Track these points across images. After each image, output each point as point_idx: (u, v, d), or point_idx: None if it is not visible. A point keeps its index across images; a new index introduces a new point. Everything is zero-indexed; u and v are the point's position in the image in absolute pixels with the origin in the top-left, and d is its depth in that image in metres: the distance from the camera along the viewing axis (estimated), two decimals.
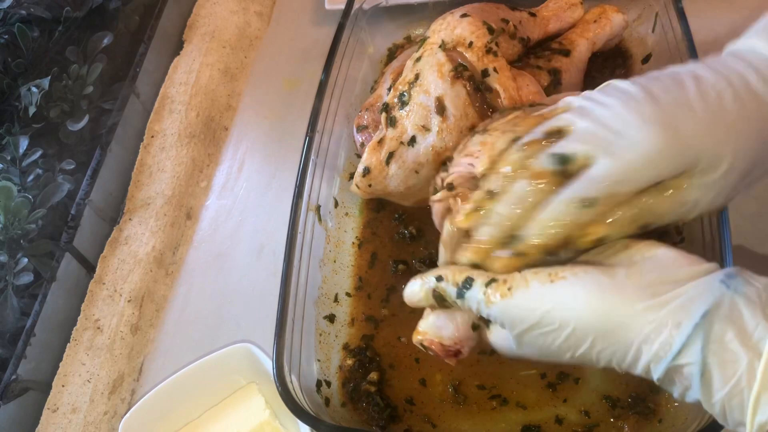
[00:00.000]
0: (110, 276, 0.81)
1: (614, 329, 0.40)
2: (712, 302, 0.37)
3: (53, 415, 0.73)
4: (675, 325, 0.38)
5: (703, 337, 0.37)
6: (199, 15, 1.02)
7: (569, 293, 0.41)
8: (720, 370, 0.36)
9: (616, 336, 0.40)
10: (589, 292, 0.41)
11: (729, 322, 0.37)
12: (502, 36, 0.70)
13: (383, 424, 0.65)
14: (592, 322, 0.40)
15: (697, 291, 0.38)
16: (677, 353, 0.38)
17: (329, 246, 0.75)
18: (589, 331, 0.41)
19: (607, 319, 0.40)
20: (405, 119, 0.68)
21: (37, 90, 0.83)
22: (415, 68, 0.69)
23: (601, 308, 0.40)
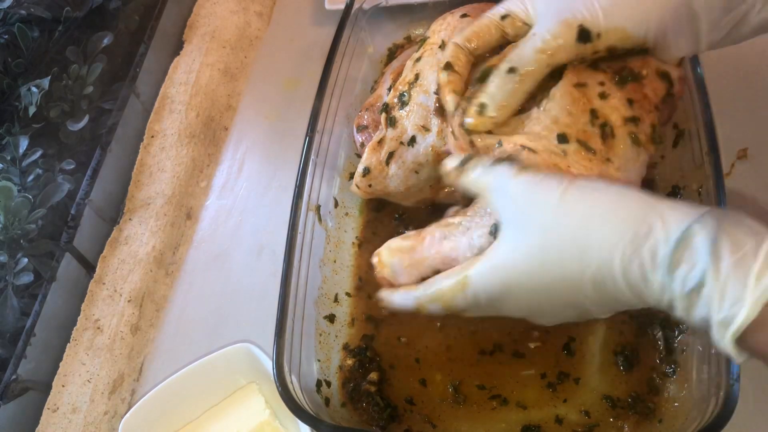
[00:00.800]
0: (110, 276, 0.81)
1: (638, 215, 0.43)
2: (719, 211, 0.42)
3: (53, 415, 0.73)
4: (690, 208, 0.42)
5: (715, 219, 0.41)
6: (199, 15, 1.02)
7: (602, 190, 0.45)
8: (731, 241, 0.39)
9: (638, 219, 0.42)
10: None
11: (737, 219, 0.41)
12: None
13: (383, 424, 0.65)
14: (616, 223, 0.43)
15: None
16: (691, 224, 0.41)
17: (329, 246, 0.75)
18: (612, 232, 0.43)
19: (633, 209, 0.43)
20: (405, 119, 0.68)
21: (37, 90, 0.83)
22: (415, 68, 0.69)
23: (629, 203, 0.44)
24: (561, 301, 0.46)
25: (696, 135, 0.65)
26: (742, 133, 0.75)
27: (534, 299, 0.47)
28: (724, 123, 0.68)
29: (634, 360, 0.63)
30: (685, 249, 0.41)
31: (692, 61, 0.67)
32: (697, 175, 0.64)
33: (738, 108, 0.76)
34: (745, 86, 0.78)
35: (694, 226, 0.41)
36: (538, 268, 0.45)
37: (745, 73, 0.79)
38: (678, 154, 0.70)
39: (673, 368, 0.61)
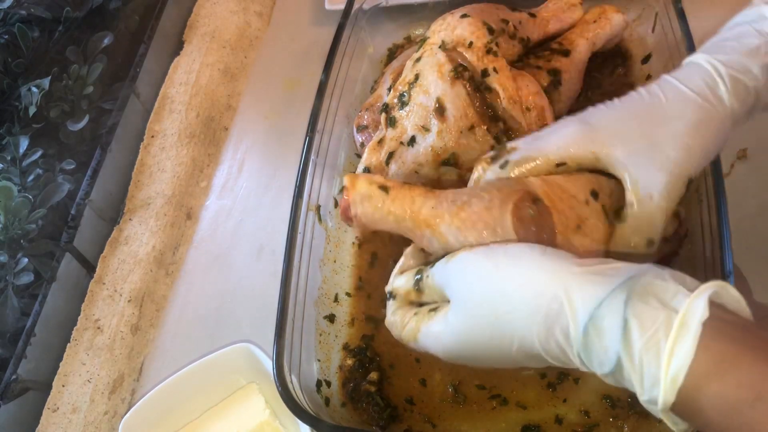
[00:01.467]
0: (110, 276, 0.81)
1: (552, 290, 0.42)
2: (635, 272, 0.41)
3: (53, 415, 0.74)
4: (601, 283, 0.41)
5: (625, 295, 0.39)
6: (199, 15, 1.02)
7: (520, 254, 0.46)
8: (639, 322, 0.38)
9: (549, 297, 0.42)
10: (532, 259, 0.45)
11: (648, 289, 0.40)
12: (502, 36, 0.70)
13: (383, 424, 0.65)
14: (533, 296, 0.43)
15: (624, 266, 0.43)
16: (599, 305, 0.40)
17: (329, 246, 0.75)
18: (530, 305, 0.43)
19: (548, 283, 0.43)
20: (405, 119, 0.68)
21: (38, 90, 0.83)
22: (414, 68, 0.69)
23: (547, 273, 0.43)
24: (502, 362, 0.47)
25: None
26: (742, 133, 0.75)
27: (478, 360, 0.48)
28: None
29: None
30: (595, 334, 0.40)
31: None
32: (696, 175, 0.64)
33: None
34: None
35: (602, 308, 0.39)
36: (472, 344, 0.47)
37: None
38: None
39: None
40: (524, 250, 0.46)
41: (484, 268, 0.46)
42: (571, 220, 0.51)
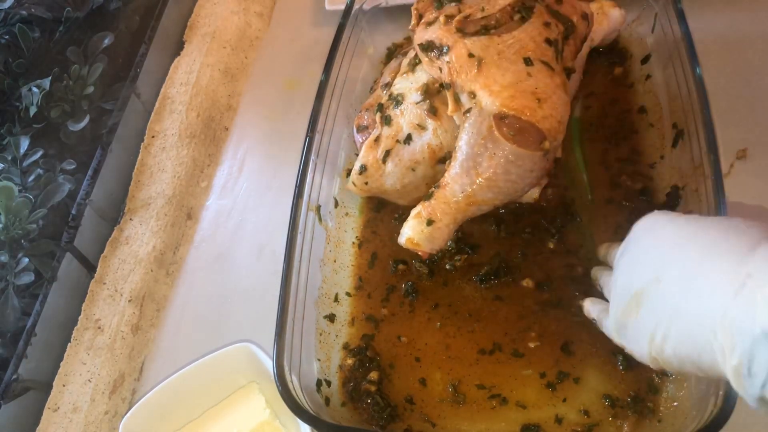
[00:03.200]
0: (111, 276, 0.81)
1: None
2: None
3: (54, 415, 0.74)
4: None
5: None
6: (200, 15, 1.02)
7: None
8: None
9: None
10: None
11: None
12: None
13: (383, 424, 0.65)
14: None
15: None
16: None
17: (329, 246, 0.75)
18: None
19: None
20: (400, 117, 0.69)
21: (38, 90, 0.83)
22: (409, 67, 0.70)
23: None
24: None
25: (695, 135, 0.65)
26: (742, 133, 0.75)
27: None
28: (724, 123, 0.68)
29: (634, 360, 0.63)
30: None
31: (691, 61, 0.67)
32: (696, 175, 0.64)
33: (738, 108, 0.76)
34: (745, 86, 0.78)
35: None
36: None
37: (745, 73, 0.79)
38: (677, 154, 0.70)
39: None
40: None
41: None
42: (530, 102, 0.61)
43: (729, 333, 0.38)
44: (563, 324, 0.67)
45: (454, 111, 0.64)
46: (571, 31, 0.68)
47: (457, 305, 0.70)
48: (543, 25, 0.65)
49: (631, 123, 0.77)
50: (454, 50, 0.63)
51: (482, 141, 0.61)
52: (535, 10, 0.65)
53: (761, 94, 0.78)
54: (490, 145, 0.61)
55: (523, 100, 0.61)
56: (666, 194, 0.69)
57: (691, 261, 0.43)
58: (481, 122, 0.62)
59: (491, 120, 0.61)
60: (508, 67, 0.62)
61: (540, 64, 0.63)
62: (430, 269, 0.73)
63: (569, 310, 0.66)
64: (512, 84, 0.61)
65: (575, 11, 0.69)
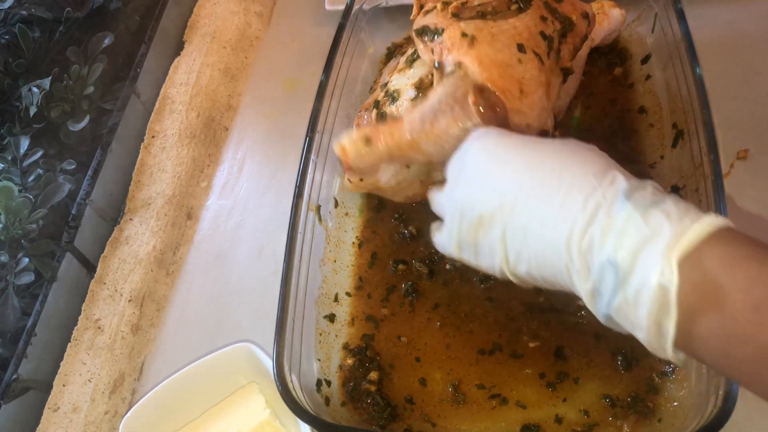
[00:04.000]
0: (111, 276, 0.81)
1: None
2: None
3: (54, 415, 0.74)
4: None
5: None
6: (200, 15, 1.02)
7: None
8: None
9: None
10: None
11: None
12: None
13: (383, 424, 0.65)
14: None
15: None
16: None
17: (329, 246, 0.75)
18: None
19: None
20: (395, 114, 0.69)
21: (38, 90, 0.83)
22: (406, 65, 0.70)
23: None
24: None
25: (695, 135, 0.65)
26: (742, 133, 0.75)
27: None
28: (724, 123, 0.68)
29: (634, 359, 0.63)
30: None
31: (691, 61, 0.67)
32: (696, 175, 0.64)
33: (738, 108, 0.76)
34: (745, 86, 0.78)
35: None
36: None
37: (745, 73, 0.79)
38: (677, 154, 0.70)
39: (672, 367, 0.61)
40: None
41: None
42: (514, 88, 0.60)
43: (584, 259, 0.43)
44: (563, 324, 0.67)
45: (439, 81, 0.64)
46: (570, 29, 0.68)
47: (457, 305, 0.70)
48: (540, 18, 0.65)
49: (631, 123, 0.77)
50: (448, 31, 0.63)
51: (451, 101, 0.61)
52: (532, 3, 0.65)
53: (761, 94, 0.78)
54: (457, 109, 0.61)
55: (507, 84, 0.61)
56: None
57: (541, 188, 0.46)
58: (459, 86, 0.62)
59: (470, 88, 0.61)
60: (501, 48, 0.62)
61: (532, 53, 0.63)
62: (430, 269, 0.73)
63: (568, 311, 0.67)
64: (503, 63, 0.61)
65: (575, 10, 0.69)
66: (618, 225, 0.41)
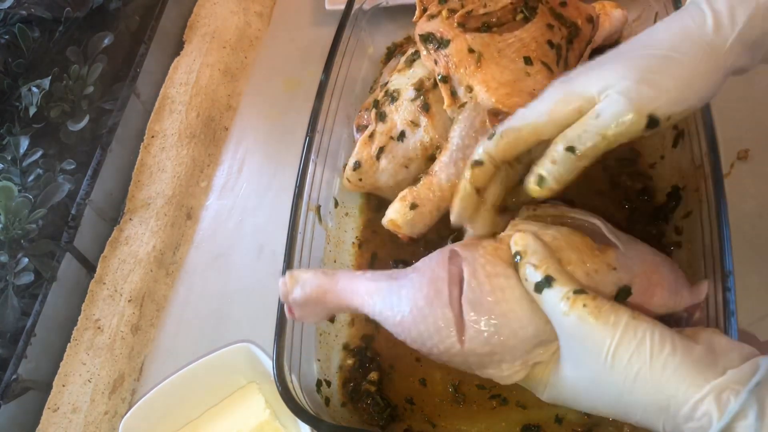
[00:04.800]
0: (111, 276, 0.81)
1: (677, 389, 0.42)
2: (765, 372, 0.41)
3: (54, 415, 0.74)
4: (732, 391, 0.40)
5: (757, 402, 0.39)
6: (200, 15, 1.02)
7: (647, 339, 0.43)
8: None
9: (677, 393, 0.42)
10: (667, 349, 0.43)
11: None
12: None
13: (383, 424, 0.65)
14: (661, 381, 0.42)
15: (753, 363, 0.42)
16: (733, 415, 0.40)
17: (329, 246, 0.75)
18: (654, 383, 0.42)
19: (672, 382, 0.42)
20: (394, 114, 0.69)
21: (38, 90, 0.83)
22: (406, 65, 0.70)
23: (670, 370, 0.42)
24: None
25: (695, 135, 0.65)
26: (742, 133, 0.75)
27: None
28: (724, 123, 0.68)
29: None
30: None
31: None
32: (696, 176, 0.64)
33: (738, 108, 0.76)
34: (745, 86, 0.78)
35: (738, 414, 0.39)
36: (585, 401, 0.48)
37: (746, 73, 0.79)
38: (677, 154, 0.70)
39: None
40: (651, 334, 0.44)
41: (607, 351, 0.44)
42: (526, 102, 0.53)
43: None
44: None
45: (450, 105, 0.64)
46: (575, 34, 0.68)
47: None
48: (546, 26, 0.65)
49: None
50: (455, 44, 0.63)
51: (473, 134, 0.61)
52: (538, 11, 0.65)
53: (761, 94, 0.77)
54: (481, 138, 0.61)
55: (518, 99, 0.61)
56: (666, 194, 0.69)
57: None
58: (475, 116, 0.62)
59: (485, 115, 0.61)
60: (508, 65, 0.62)
61: (540, 64, 0.63)
62: None
63: None
64: (510, 82, 0.61)
65: (580, 14, 0.69)
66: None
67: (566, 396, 0.49)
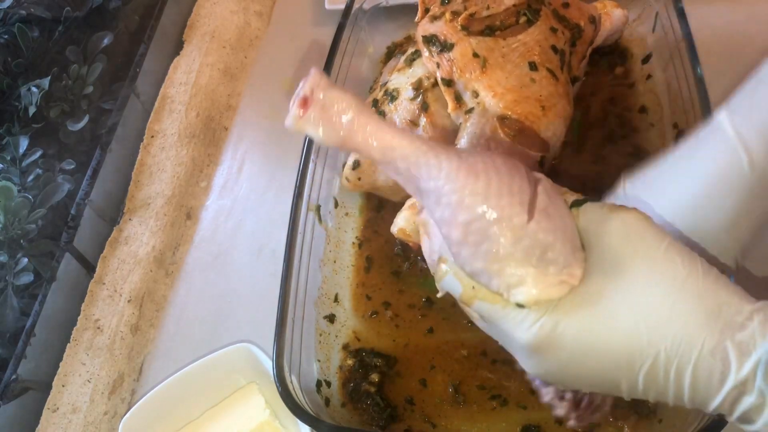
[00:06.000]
0: (110, 276, 0.81)
1: (688, 343, 0.38)
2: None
3: (53, 415, 0.73)
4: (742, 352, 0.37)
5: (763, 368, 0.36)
6: (199, 15, 1.02)
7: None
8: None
9: (687, 348, 0.38)
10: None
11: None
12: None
13: (383, 424, 0.65)
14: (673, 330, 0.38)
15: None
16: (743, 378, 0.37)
17: (329, 246, 0.75)
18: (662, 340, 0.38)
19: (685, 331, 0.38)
20: (393, 113, 0.69)
21: (37, 90, 0.83)
22: (405, 64, 0.70)
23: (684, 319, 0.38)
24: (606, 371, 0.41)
25: None
26: None
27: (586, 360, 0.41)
28: None
29: None
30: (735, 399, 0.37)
31: (692, 60, 0.67)
32: None
33: None
34: None
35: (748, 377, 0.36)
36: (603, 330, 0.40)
37: (746, 73, 0.79)
38: None
39: None
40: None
41: (663, 246, 0.40)
42: (534, 108, 0.58)
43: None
44: None
45: (455, 110, 0.64)
46: (578, 36, 0.68)
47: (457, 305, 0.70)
48: (549, 30, 0.65)
49: (631, 122, 0.77)
50: (459, 48, 0.63)
51: (483, 141, 0.61)
52: (541, 14, 0.65)
53: None
54: (492, 145, 0.61)
55: (527, 106, 0.61)
56: None
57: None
58: (484, 123, 0.61)
59: (494, 121, 0.61)
60: (513, 70, 0.62)
61: (545, 70, 0.63)
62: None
63: None
64: (516, 88, 0.61)
65: (582, 15, 0.69)
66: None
67: (584, 335, 0.40)
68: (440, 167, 0.43)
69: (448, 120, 0.66)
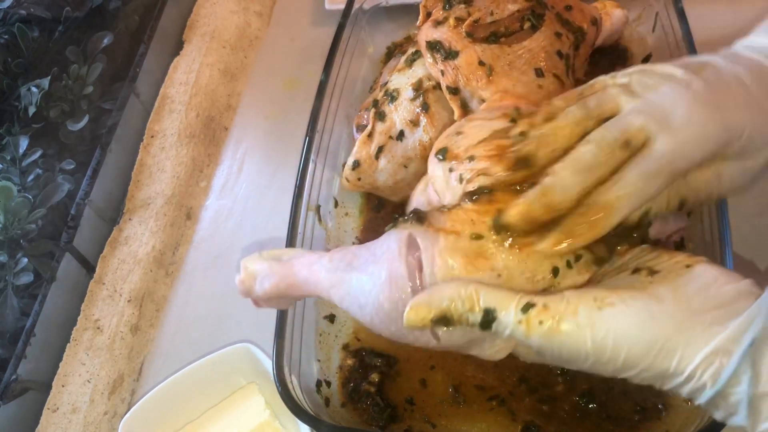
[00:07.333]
0: (110, 276, 0.81)
1: (665, 357, 0.39)
2: (759, 330, 0.37)
3: (53, 415, 0.73)
4: (725, 354, 0.37)
5: (751, 367, 0.36)
6: (199, 15, 1.02)
7: (621, 322, 0.39)
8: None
9: (665, 363, 0.39)
10: (641, 320, 0.39)
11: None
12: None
13: (383, 424, 0.65)
14: (644, 351, 0.39)
15: (746, 319, 0.38)
16: (725, 382, 0.37)
17: (329, 246, 0.75)
18: (639, 359, 0.39)
19: (658, 347, 0.39)
20: (393, 113, 0.69)
21: (37, 90, 0.83)
22: (406, 64, 0.70)
23: (653, 337, 0.39)
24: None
25: None
26: None
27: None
28: None
29: None
30: (721, 400, 0.38)
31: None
32: None
33: None
34: None
35: (731, 382, 0.37)
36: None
37: None
38: None
39: None
40: (635, 311, 0.40)
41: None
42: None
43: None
44: None
45: (461, 117, 0.64)
46: (582, 39, 0.68)
47: None
48: (554, 35, 0.65)
49: None
50: (464, 56, 0.63)
51: None
52: (545, 18, 0.65)
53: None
54: None
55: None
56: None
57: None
58: None
59: None
60: (519, 77, 0.62)
61: (551, 76, 0.62)
62: None
63: None
64: (523, 95, 0.61)
65: (585, 17, 0.69)
66: None
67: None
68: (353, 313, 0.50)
69: (449, 120, 0.66)
